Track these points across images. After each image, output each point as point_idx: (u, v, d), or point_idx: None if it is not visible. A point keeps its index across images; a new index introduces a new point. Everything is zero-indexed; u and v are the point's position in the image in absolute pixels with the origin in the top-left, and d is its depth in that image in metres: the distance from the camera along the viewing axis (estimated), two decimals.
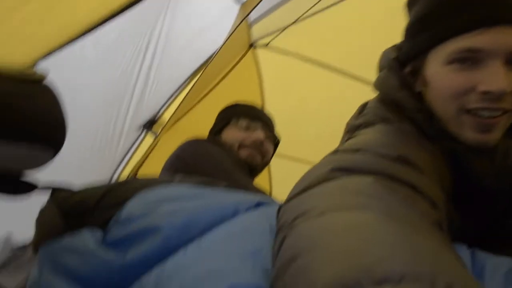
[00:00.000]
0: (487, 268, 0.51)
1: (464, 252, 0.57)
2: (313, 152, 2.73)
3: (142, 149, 2.29)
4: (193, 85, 1.87)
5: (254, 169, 1.45)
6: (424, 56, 0.73)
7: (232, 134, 1.46)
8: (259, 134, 1.44)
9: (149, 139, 2.25)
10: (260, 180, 2.50)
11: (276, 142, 1.62)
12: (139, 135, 2.27)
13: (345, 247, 0.33)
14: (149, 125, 2.25)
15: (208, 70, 1.88)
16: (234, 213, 0.66)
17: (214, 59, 1.80)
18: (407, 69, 0.78)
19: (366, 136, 0.68)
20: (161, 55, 1.85)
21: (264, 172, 2.66)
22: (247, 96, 2.36)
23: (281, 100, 2.50)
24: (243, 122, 1.46)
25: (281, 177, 2.74)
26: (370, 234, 0.34)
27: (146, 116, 2.21)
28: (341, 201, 0.43)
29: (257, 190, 1.24)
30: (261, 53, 2.30)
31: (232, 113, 1.52)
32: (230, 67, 2.20)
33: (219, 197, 0.70)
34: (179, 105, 1.92)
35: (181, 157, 1.33)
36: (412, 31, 0.77)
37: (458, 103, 0.69)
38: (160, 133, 2.06)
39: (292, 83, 2.49)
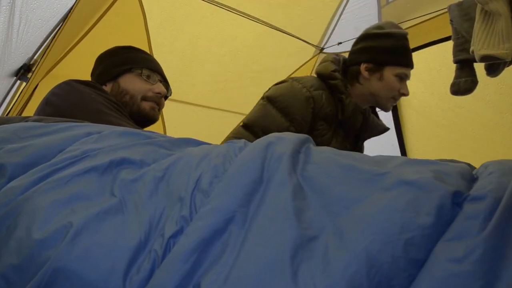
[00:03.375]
0: None
1: None
2: (205, 95, 2.78)
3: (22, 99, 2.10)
4: (64, 25, 1.71)
5: (153, 121, 1.41)
6: (383, 67, 1.56)
7: (135, 84, 1.37)
8: (160, 87, 1.39)
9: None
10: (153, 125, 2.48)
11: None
12: (14, 83, 2.06)
13: None
14: (24, 71, 2.04)
15: (82, 8, 1.73)
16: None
17: None
18: (364, 65, 1.58)
19: None
20: None
21: None
22: (132, 37, 2.24)
23: (169, 40, 2.42)
24: (147, 73, 1.39)
25: (175, 120, 2.75)
26: None
27: (17, 61, 2.00)
28: None
29: None
30: None
31: (133, 61, 1.41)
32: (108, 4, 2.04)
33: (73, 131, 0.69)
34: (50, 48, 1.76)
35: (51, 101, 1.23)
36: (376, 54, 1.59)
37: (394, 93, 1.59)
38: (31, 79, 1.88)
39: (181, 21, 2.41)
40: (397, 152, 2.90)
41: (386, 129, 1.74)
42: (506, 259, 0.38)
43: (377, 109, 1.74)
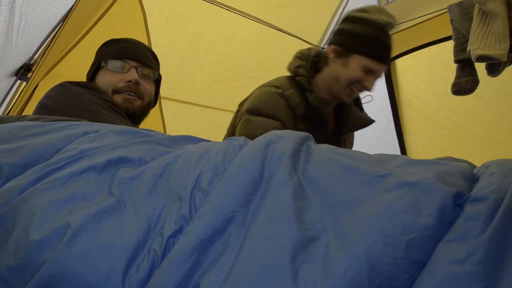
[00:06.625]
0: None
1: None
2: (205, 94, 2.77)
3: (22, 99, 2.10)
4: (65, 24, 1.71)
5: (134, 114, 1.33)
6: (350, 53, 1.45)
7: (103, 79, 1.31)
8: (131, 74, 1.30)
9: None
10: (153, 125, 2.47)
11: (157, 78, 1.46)
12: (14, 83, 2.06)
13: None
14: (24, 71, 2.04)
15: (82, 8, 1.72)
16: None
17: None
18: (331, 48, 1.50)
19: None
20: None
21: (157, 116, 2.63)
22: (131, 37, 2.23)
23: (169, 40, 2.41)
24: (113, 64, 1.30)
25: (175, 120, 2.74)
26: None
27: (18, 61, 2.00)
28: None
29: None
30: None
31: (101, 56, 1.35)
32: (109, 4, 2.03)
33: (70, 130, 0.68)
34: (50, 47, 1.75)
35: (46, 104, 1.22)
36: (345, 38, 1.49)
37: (352, 81, 1.48)
38: (31, 79, 1.87)
39: (181, 21, 2.41)
40: (397, 152, 2.90)
41: (370, 121, 1.64)
42: (507, 260, 0.38)
43: (362, 102, 1.67)
